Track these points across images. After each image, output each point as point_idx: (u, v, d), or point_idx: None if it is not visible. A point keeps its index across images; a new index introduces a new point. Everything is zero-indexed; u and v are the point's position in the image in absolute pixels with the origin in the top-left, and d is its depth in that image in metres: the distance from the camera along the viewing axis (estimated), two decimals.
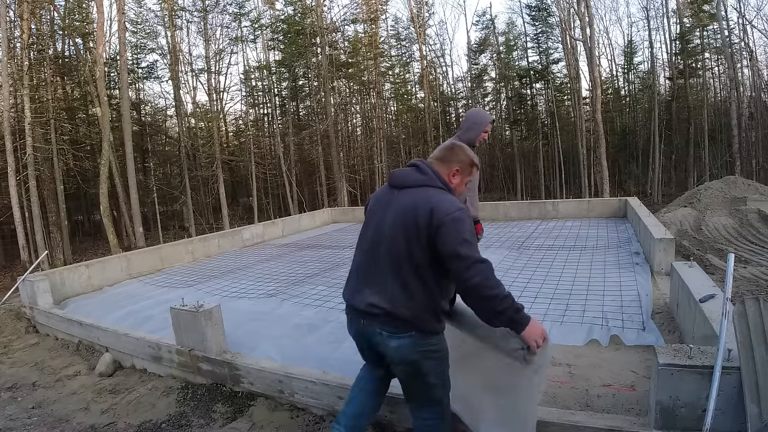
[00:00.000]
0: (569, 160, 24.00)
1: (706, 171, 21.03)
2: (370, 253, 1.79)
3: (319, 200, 22.03)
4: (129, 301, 5.01)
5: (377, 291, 1.73)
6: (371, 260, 1.79)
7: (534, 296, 4.09)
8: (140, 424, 2.75)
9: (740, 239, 7.55)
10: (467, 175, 1.84)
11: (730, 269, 1.92)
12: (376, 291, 1.73)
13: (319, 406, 2.64)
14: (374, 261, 1.77)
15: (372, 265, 1.78)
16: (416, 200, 1.67)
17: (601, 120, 17.78)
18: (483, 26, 28.28)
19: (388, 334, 1.72)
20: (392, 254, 1.69)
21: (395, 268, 1.68)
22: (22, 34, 13.01)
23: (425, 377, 1.77)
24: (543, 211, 9.35)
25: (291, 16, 21.40)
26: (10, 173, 12.15)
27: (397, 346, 1.72)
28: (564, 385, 2.48)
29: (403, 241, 1.66)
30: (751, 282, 5.05)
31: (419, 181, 1.73)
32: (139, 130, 20.65)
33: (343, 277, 5.46)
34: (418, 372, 1.76)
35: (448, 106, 30.31)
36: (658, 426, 1.85)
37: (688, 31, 22.25)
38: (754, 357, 1.69)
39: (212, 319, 3.09)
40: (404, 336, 1.70)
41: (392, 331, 1.71)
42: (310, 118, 24.96)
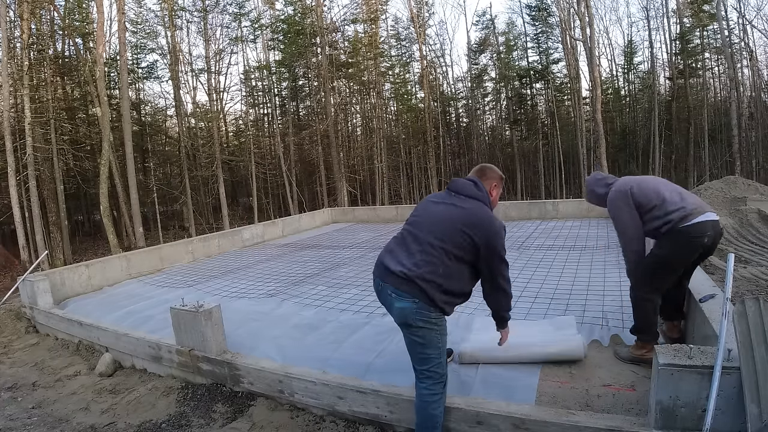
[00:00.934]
0: (569, 160, 23.99)
1: (706, 171, 21.03)
2: (418, 230, 2.13)
3: (319, 200, 22.03)
4: (129, 301, 5.01)
5: (410, 257, 2.06)
6: (418, 236, 2.11)
7: (534, 296, 4.09)
8: (140, 424, 2.75)
9: (740, 239, 7.55)
10: (499, 188, 2.32)
11: (730, 269, 1.92)
12: (409, 257, 2.06)
13: (319, 406, 2.64)
14: (420, 237, 2.09)
15: (416, 240, 2.10)
16: (474, 208, 2.10)
17: (601, 120, 17.77)
18: (483, 26, 28.28)
19: (396, 295, 2.03)
20: (440, 238, 2.03)
21: (437, 247, 2.02)
22: (22, 34, 13.00)
23: (424, 347, 2.05)
24: (543, 211, 9.35)
25: (291, 16, 21.39)
26: (10, 173, 12.14)
27: (400, 307, 2.02)
28: (564, 385, 2.48)
29: (455, 232, 2.03)
30: (751, 282, 5.04)
31: (476, 195, 2.15)
32: (139, 130, 20.63)
33: (343, 277, 5.48)
34: (416, 338, 2.05)
35: (448, 106, 30.30)
36: (658, 426, 1.85)
37: (688, 31, 22.24)
38: (754, 357, 1.69)
39: (212, 319, 3.09)
40: (408, 299, 2.00)
41: (399, 294, 2.01)
42: (310, 118, 24.95)
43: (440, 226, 2.07)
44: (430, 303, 2.00)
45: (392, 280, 2.05)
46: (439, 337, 2.06)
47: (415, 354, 2.10)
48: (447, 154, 27.63)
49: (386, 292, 2.09)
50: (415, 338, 2.05)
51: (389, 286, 2.06)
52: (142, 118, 22.46)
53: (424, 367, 2.08)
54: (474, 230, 2.01)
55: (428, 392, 2.08)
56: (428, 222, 2.13)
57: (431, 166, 24.43)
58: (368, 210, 11.94)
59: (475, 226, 2.03)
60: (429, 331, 2.03)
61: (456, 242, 2.02)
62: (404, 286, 2.01)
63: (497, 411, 2.14)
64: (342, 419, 2.56)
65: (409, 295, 2.00)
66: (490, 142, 30.64)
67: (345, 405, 2.53)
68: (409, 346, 2.11)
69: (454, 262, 2.03)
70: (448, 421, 2.21)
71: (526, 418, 2.06)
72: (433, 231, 2.07)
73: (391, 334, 3.35)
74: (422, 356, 2.07)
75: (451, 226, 2.04)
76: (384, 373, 2.71)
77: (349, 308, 4.13)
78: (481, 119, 30.67)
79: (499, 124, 30.22)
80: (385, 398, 2.38)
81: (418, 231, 2.12)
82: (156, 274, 6.50)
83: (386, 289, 2.09)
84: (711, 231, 2.45)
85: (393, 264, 2.08)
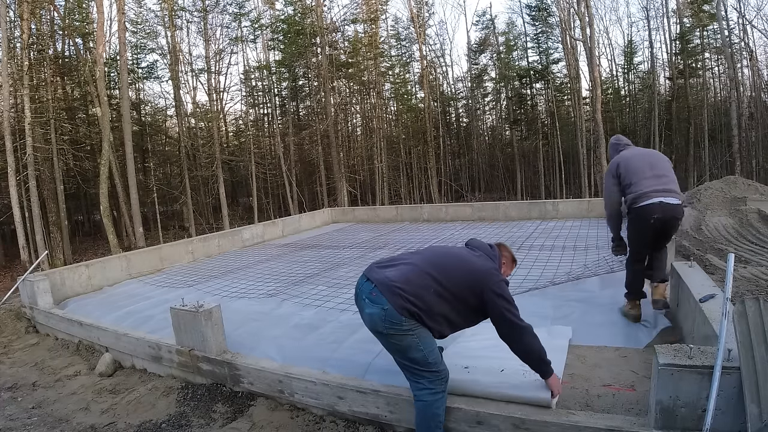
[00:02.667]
0: (569, 160, 23.99)
1: (706, 171, 21.02)
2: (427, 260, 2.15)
3: (319, 200, 22.02)
4: (129, 301, 5.01)
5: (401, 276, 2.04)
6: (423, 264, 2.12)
7: (534, 296, 4.09)
8: (140, 424, 2.75)
9: (740, 239, 7.54)
10: (509, 269, 2.39)
11: (730, 269, 1.92)
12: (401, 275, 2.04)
13: (319, 406, 2.64)
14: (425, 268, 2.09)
15: (419, 269, 2.08)
16: (485, 262, 2.19)
17: (601, 120, 17.77)
18: (483, 26, 28.28)
19: (369, 301, 2.01)
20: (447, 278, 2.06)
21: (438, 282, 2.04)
22: (22, 34, 12.99)
23: (404, 352, 2.02)
24: (543, 211, 9.35)
25: (291, 16, 21.39)
26: (10, 173, 12.14)
27: (369, 313, 2.00)
28: (564, 385, 2.48)
29: (461, 276, 2.09)
30: (751, 282, 5.04)
31: (489, 252, 2.27)
32: (139, 130, 20.62)
33: (343, 277, 5.47)
34: (393, 346, 2.02)
35: (448, 106, 30.30)
36: (658, 426, 1.85)
37: (688, 31, 22.24)
38: (754, 357, 1.69)
39: (212, 319, 3.09)
40: (377, 305, 1.97)
41: (372, 300, 2.00)
42: (310, 118, 24.95)
43: (452, 273, 2.09)
44: (404, 312, 1.97)
45: (373, 287, 2.05)
46: (417, 340, 2.01)
47: (399, 363, 2.09)
48: (447, 154, 27.62)
49: (360, 297, 2.09)
50: (388, 344, 2.05)
51: (366, 290, 2.07)
52: (142, 118, 22.45)
53: (413, 369, 2.05)
54: (480, 277, 2.08)
55: (427, 391, 2.04)
56: (441, 257, 2.21)
57: (431, 166, 24.43)
58: (368, 210, 11.94)
59: (482, 280, 2.08)
60: (403, 337, 2.00)
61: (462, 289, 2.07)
62: (383, 294, 1.99)
63: (497, 411, 2.14)
64: (342, 419, 2.56)
65: (378, 301, 1.98)
66: (490, 142, 30.65)
67: (345, 405, 2.52)
68: (391, 354, 2.11)
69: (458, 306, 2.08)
70: (448, 421, 2.20)
71: (526, 418, 2.06)
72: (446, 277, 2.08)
73: None
74: (405, 362, 2.06)
75: (463, 272, 2.10)
76: (384, 373, 2.71)
77: (349, 308, 4.13)
78: (481, 119, 30.67)
79: (499, 124, 30.21)
80: (385, 398, 2.38)
81: (424, 262, 2.15)
82: (156, 274, 6.50)
83: (362, 294, 2.09)
84: (658, 214, 2.87)
85: (382, 275, 2.08)
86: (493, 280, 2.09)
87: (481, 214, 9.90)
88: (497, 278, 2.11)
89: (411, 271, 2.06)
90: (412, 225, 9.91)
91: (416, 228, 9.34)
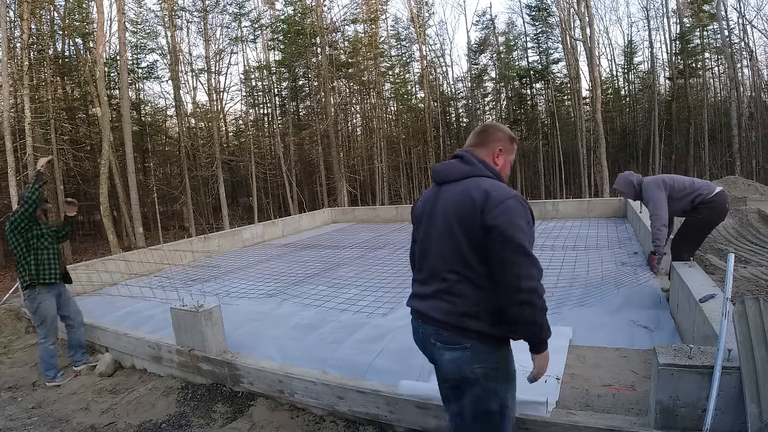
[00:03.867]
0: (569, 160, 24.00)
1: (706, 171, 21.02)
2: (424, 254, 1.62)
3: (319, 200, 22.03)
4: (129, 301, 5.01)
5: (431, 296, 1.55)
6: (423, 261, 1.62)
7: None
8: (140, 424, 2.75)
9: (740, 239, 7.54)
10: (510, 153, 1.67)
11: (730, 269, 1.92)
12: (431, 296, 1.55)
13: (319, 406, 2.64)
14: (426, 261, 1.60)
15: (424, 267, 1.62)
16: (468, 188, 1.49)
17: (601, 120, 17.76)
18: (483, 26, 28.30)
19: (442, 344, 1.51)
20: (446, 252, 1.51)
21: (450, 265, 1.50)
22: (22, 34, 12.99)
23: (479, 401, 1.51)
24: (543, 211, 9.34)
25: (291, 16, 21.40)
26: (10, 173, 12.13)
27: (450, 359, 1.50)
28: (564, 385, 2.48)
29: (460, 232, 1.46)
30: (751, 282, 5.04)
31: (465, 172, 1.55)
32: (139, 130, 20.63)
33: (343, 277, 5.48)
34: (471, 393, 1.51)
35: (448, 106, 30.31)
36: (658, 426, 1.85)
37: (688, 31, 22.25)
38: (754, 357, 1.69)
39: (212, 319, 3.09)
40: (458, 348, 1.48)
41: (446, 342, 1.50)
42: (310, 118, 24.95)
43: (442, 245, 1.52)
44: (485, 338, 1.47)
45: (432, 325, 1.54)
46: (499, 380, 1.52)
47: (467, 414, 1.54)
48: (447, 154, 27.61)
49: (428, 338, 1.56)
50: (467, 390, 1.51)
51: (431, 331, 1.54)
52: (142, 118, 22.46)
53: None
54: (473, 215, 1.43)
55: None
56: (428, 247, 1.60)
57: (431, 166, 24.40)
58: (368, 210, 11.94)
59: (473, 205, 1.43)
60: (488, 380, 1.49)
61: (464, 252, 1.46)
62: (448, 331, 1.49)
63: None
64: (342, 419, 2.56)
65: (456, 342, 1.48)
66: None
67: (345, 405, 2.52)
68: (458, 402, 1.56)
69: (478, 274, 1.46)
70: (447, 420, 2.20)
71: (526, 418, 2.06)
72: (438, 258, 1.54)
73: (391, 334, 3.35)
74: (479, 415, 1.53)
75: (448, 236, 1.49)
76: (384, 373, 2.71)
77: (349, 308, 4.13)
78: (481, 119, 30.66)
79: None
80: (385, 398, 2.38)
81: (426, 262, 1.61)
82: (156, 274, 6.49)
83: (428, 336, 1.56)
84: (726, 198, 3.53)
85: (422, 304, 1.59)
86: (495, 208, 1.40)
87: None
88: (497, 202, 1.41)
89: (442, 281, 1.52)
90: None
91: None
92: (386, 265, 5.99)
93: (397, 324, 3.56)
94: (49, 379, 3.54)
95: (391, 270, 5.64)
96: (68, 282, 3.79)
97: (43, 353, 3.56)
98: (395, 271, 5.57)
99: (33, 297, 3.50)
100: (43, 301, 3.51)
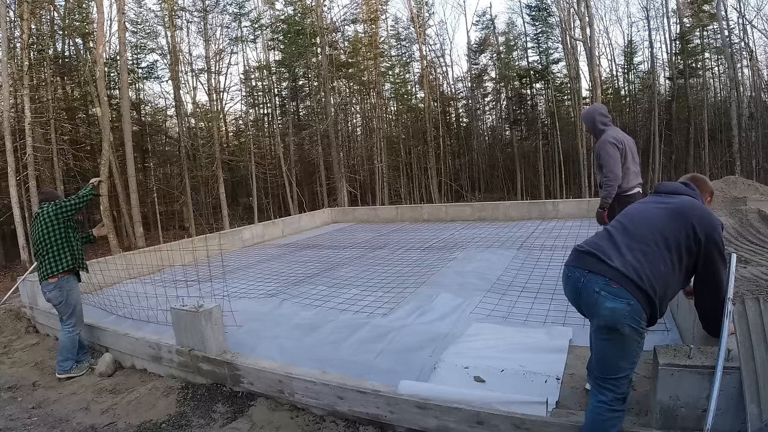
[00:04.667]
0: (569, 160, 23.99)
1: (706, 171, 21.01)
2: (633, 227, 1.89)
3: (319, 200, 22.03)
4: (129, 301, 5.00)
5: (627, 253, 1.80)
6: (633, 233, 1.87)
7: (534, 296, 4.09)
8: (140, 424, 2.75)
9: (740, 239, 7.54)
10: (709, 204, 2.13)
11: (732, 269, 1.92)
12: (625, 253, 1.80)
13: (319, 406, 2.64)
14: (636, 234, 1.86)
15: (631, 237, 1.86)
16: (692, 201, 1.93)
17: None
18: (483, 26, 28.30)
19: (606, 293, 1.75)
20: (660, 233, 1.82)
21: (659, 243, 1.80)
22: (22, 34, 12.99)
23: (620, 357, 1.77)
24: (543, 211, 9.34)
25: (291, 16, 21.40)
26: (10, 173, 12.13)
27: (611, 307, 1.73)
28: (564, 385, 2.48)
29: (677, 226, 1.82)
30: (751, 282, 5.03)
31: (688, 192, 2.00)
32: (139, 130, 20.62)
33: (343, 277, 5.48)
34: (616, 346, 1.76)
35: (448, 106, 30.31)
36: (658, 426, 1.85)
37: (688, 31, 22.24)
38: (754, 357, 1.69)
39: (212, 319, 3.09)
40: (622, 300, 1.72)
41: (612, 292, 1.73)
42: (310, 118, 24.95)
43: (659, 221, 1.85)
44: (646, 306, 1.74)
45: (607, 272, 1.77)
46: (638, 349, 1.79)
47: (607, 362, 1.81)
48: (447, 154, 27.61)
49: (592, 287, 1.79)
50: (614, 346, 1.76)
51: (600, 278, 1.77)
52: (142, 118, 22.45)
53: (612, 376, 1.79)
54: (696, 221, 1.80)
55: (608, 408, 1.81)
56: (643, 218, 1.91)
57: (431, 166, 24.43)
58: (368, 210, 11.94)
59: (697, 216, 1.82)
60: (632, 341, 1.75)
61: (677, 237, 1.80)
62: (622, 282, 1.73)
63: (497, 411, 2.14)
64: (342, 419, 2.56)
65: (624, 295, 1.72)
66: (490, 142, 30.65)
67: (345, 405, 2.52)
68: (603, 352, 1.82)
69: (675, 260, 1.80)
70: (449, 421, 2.21)
71: (526, 418, 2.06)
72: (650, 227, 1.85)
73: (391, 334, 3.35)
74: (615, 367, 1.79)
75: (672, 220, 1.84)
76: (384, 373, 2.71)
77: (349, 308, 4.13)
78: (481, 119, 30.68)
79: (499, 124, 30.24)
80: (385, 398, 2.38)
81: (632, 227, 1.89)
82: (156, 274, 6.49)
83: (593, 284, 1.79)
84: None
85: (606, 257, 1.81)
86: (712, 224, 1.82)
87: (481, 214, 9.90)
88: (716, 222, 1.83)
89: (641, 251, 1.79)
90: (412, 225, 9.92)
91: (416, 228, 9.34)
92: (386, 265, 5.99)
93: (397, 324, 3.56)
94: (64, 370, 3.59)
95: (391, 270, 5.65)
96: (79, 280, 3.92)
97: (68, 342, 3.62)
98: (395, 271, 5.57)
99: (61, 286, 3.61)
100: (72, 289, 3.67)
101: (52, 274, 3.60)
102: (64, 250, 3.62)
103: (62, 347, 3.63)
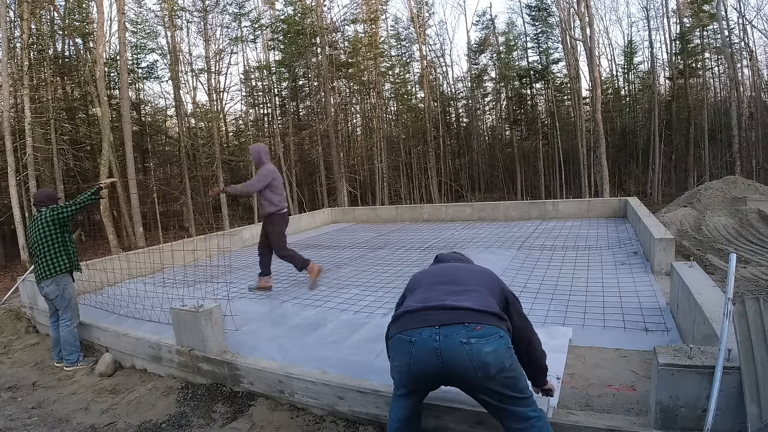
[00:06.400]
0: (569, 160, 24.00)
1: (706, 171, 21.03)
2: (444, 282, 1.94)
3: (319, 200, 22.04)
4: (129, 301, 5.00)
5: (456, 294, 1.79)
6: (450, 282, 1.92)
7: (534, 296, 4.09)
8: (140, 424, 2.75)
9: (740, 239, 7.55)
10: None
11: (731, 269, 1.92)
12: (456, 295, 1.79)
13: (319, 406, 2.64)
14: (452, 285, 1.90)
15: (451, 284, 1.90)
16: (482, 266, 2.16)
17: (601, 120, 17.77)
18: (483, 26, 28.35)
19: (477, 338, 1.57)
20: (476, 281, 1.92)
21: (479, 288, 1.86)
22: (22, 34, 13.00)
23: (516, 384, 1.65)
24: (543, 211, 9.34)
25: (291, 16, 21.41)
26: (10, 173, 12.14)
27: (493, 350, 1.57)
28: (564, 385, 2.48)
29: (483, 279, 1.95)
30: (751, 282, 5.04)
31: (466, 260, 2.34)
32: (139, 130, 20.64)
33: (343, 276, 5.47)
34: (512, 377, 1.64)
35: (448, 106, 30.33)
36: (658, 426, 1.85)
37: (688, 31, 22.25)
38: (754, 357, 1.69)
39: (212, 319, 3.09)
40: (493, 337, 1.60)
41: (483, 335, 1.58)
42: (310, 118, 24.96)
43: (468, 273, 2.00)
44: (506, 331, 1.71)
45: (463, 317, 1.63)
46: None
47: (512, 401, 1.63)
48: (447, 154, 27.64)
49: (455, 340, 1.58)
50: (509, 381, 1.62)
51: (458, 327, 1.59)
52: (142, 118, 22.47)
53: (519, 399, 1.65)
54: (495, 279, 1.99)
55: (536, 415, 1.66)
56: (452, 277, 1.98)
57: (431, 166, 24.44)
58: (368, 210, 11.94)
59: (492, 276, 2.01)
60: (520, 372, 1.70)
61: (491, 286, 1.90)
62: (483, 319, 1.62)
63: None
64: (342, 419, 2.56)
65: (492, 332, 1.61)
66: (490, 142, 30.67)
67: (345, 405, 2.53)
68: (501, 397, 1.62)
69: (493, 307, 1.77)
70: (448, 421, 2.20)
71: None
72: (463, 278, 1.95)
73: None
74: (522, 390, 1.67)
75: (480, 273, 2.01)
76: (384, 373, 2.70)
77: (349, 308, 4.13)
78: (481, 119, 30.70)
79: (499, 124, 30.26)
80: (385, 398, 2.38)
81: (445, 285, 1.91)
82: (156, 274, 6.49)
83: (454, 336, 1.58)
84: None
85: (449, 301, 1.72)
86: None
87: (480, 214, 9.90)
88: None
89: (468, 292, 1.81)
90: (412, 225, 9.91)
91: (416, 228, 9.34)
92: (386, 265, 5.99)
93: None
94: (71, 363, 3.70)
95: (391, 270, 5.64)
96: (73, 279, 4.04)
97: (69, 336, 3.74)
98: (395, 271, 5.57)
99: (58, 281, 3.77)
100: (68, 284, 3.83)
101: (49, 276, 3.73)
102: (61, 253, 3.77)
103: (65, 342, 3.74)
